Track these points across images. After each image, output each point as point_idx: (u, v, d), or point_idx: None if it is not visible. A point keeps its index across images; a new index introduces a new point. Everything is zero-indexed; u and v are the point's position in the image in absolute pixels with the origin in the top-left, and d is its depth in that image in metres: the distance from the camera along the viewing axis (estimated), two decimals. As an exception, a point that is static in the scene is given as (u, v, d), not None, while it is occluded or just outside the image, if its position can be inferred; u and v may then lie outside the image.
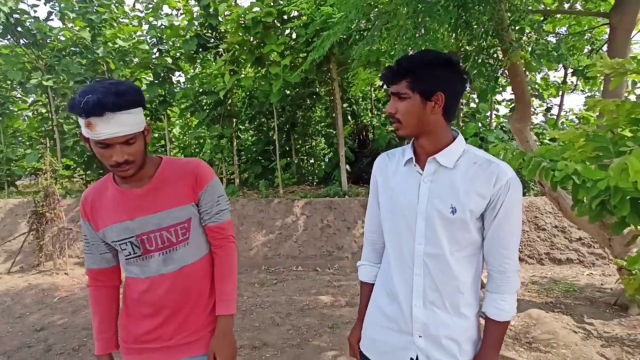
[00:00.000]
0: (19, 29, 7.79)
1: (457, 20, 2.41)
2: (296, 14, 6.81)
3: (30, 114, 10.18)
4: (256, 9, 6.44)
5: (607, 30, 3.50)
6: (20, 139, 10.77)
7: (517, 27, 3.43)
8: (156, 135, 9.68)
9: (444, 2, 2.31)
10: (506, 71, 3.35)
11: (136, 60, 7.63)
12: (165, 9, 8.30)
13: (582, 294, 4.03)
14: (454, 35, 2.74)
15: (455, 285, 1.13)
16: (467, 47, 3.07)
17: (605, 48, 3.81)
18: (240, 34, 6.74)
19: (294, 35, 7.10)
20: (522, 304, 3.73)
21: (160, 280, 1.26)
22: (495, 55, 3.04)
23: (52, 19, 8.70)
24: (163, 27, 7.68)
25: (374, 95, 9.80)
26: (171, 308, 1.28)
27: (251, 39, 6.87)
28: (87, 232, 1.30)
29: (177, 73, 8.41)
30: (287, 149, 9.05)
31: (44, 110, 9.65)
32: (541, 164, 1.60)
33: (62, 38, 7.86)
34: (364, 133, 9.71)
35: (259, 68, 7.36)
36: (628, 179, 1.29)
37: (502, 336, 1.16)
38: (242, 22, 6.63)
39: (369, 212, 1.34)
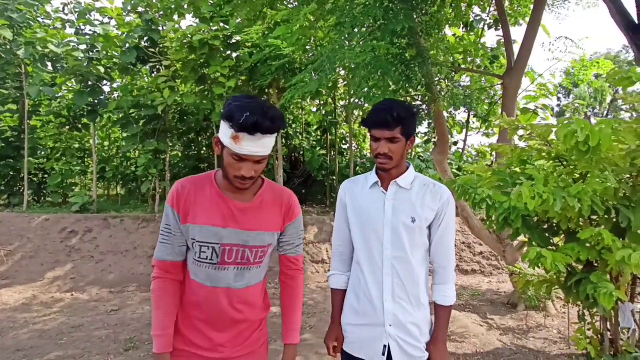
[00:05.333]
0: None
1: (400, 74, 3.04)
2: (240, 39, 7.13)
3: None
4: (200, 31, 6.61)
5: (502, 86, 4.52)
6: None
7: (438, 79, 4.26)
8: (77, 146, 9.01)
9: (392, 59, 2.93)
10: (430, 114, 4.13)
11: (67, 66, 7.16)
12: (98, 17, 7.91)
13: (485, 297, 4.92)
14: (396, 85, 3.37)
15: (416, 281, 1.42)
16: (405, 94, 3.76)
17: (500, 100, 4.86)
18: (185, 52, 6.82)
19: (234, 55, 7.37)
20: (440, 307, 4.45)
21: (226, 293, 1.30)
22: (425, 101, 3.77)
23: (-43, 11, 7.71)
24: (96, 34, 7.37)
25: (304, 119, 10.41)
26: (229, 321, 1.31)
27: (195, 58, 6.98)
28: (172, 222, 1.27)
29: (104, 82, 8.05)
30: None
31: None
32: (467, 190, 2.21)
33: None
34: (294, 155, 10.19)
35: (201, 86, 7.46)
36: (522, 202, 1.94)
37: (449, 318, 1.49)
38: (187, 41, 6.73)
39: (337, 229, 1.57)
